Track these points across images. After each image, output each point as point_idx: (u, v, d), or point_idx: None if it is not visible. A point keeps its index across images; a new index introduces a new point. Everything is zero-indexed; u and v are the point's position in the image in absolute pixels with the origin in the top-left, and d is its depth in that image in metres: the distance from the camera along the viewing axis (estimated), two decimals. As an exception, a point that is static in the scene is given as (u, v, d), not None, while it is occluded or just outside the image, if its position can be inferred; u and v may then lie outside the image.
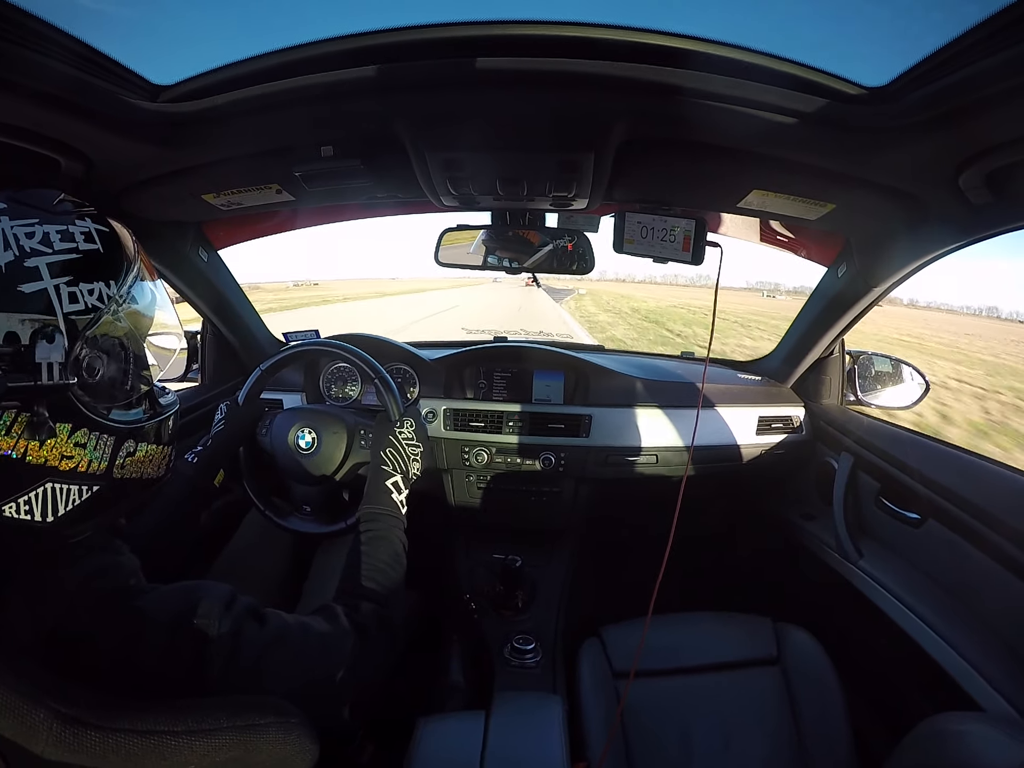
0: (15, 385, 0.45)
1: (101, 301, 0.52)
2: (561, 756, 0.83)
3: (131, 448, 0.56)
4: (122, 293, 0.54)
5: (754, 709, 1.14)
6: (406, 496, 0.98)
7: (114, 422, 0.54)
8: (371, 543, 0.87)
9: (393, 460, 0.99)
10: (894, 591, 1.15)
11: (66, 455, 0.50)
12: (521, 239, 1.31)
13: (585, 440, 1.51)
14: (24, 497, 0.48)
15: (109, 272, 0.54)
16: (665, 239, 1.12)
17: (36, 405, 0.47)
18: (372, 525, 0.90)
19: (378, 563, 0.84)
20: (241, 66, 0.76)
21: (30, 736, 0.41)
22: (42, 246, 0.48)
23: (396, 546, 0.89)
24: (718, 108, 0.75)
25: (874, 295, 1.26)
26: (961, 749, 0.64)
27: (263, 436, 1.18)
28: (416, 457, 1.03)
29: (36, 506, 0.49)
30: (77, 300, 0.49)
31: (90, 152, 0.86)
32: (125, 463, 0.56)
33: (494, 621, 1.47)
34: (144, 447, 0.58)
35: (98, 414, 0.53)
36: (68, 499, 0.51)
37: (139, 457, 0.57)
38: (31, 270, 0.47)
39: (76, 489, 0.51)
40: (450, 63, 0.72)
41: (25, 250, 0.47)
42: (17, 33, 0.59)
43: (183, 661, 0.53)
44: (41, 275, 0.47)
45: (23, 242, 0.47)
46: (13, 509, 0.48)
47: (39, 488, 0.49)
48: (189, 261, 1.36)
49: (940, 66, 0.63)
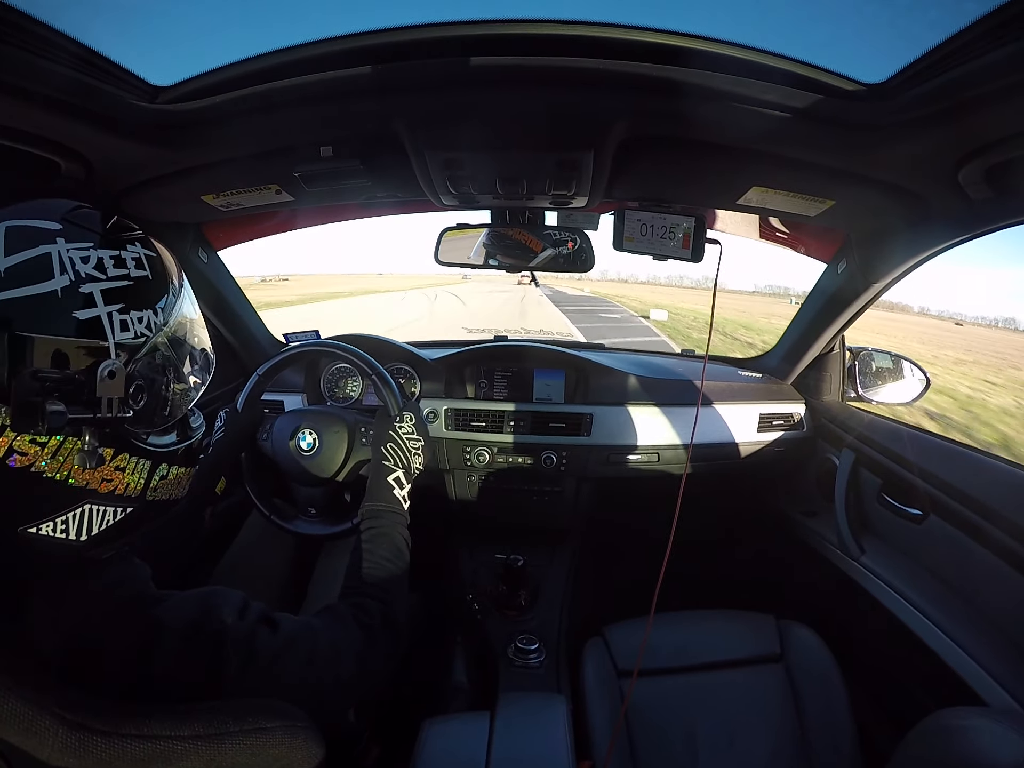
0: (75, 417, 0.45)
1: (149, 329, 0.52)
2: (566, 756, 0.83)
3: (164, 472, 0.57)
4: (167, 319, 0.55)
5: (758, 706, 1.14)
6: (408, 491, 0.97)
7: (152, 447, 0.55)
8: (374, 540, 0.86)
9: (394, 455, 0.98)
10: (897, 587, 1.15)
11: (106, 478, 0.50)
12: (522, 246, 1.31)
13: (586, 439, 1.51)
14: (62, 517, 0.48)
15: (156, 298, 0.54)
16: (665, 236, 1.12)
17: (88, 434, 0.47)
18: (374, 522, 0.89)
19: (381, 560, 0.84)
20: (240, 66, 0.75)
21: (36, 742, 0.41)
22: (97, 272, 0.48)
23: (399, 542, 0.88)
24: (717, 106, 0.75)
25: (874, 291, 1.26)
26: (965, 744, 0.64)
27: (264, 441, 1.18)
28: (417, 451, 1.03)
29: (72, 526, 0.49)
30: (128, 328, 0.50)
31: (90, 154, 0.86)
32: (158, 486, 0.57)
33: (497, 621, 1.47)
34: (175, 470, 0.59)
35: (138, 439, 0.54)
36: (103, 520, 0.51)
37: (171, 479, 0.58)
38: (87, 296, 0.47)
39: (112, 511, 0.52)
40: (449, 62, 0.71)
41: (80, 276, 0.47)
42: (16, 36, 0.59)
43: (198, 669, 0.53)
44: (96, 302, 0.47)
45: (79, 267, 0.47)
46: (50, 528, 0.48)
47: (77, 509, 0.49)
48: (189, 262, 1.36)
49: (939, 62, 0.63)
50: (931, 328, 56.10)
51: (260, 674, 0.56)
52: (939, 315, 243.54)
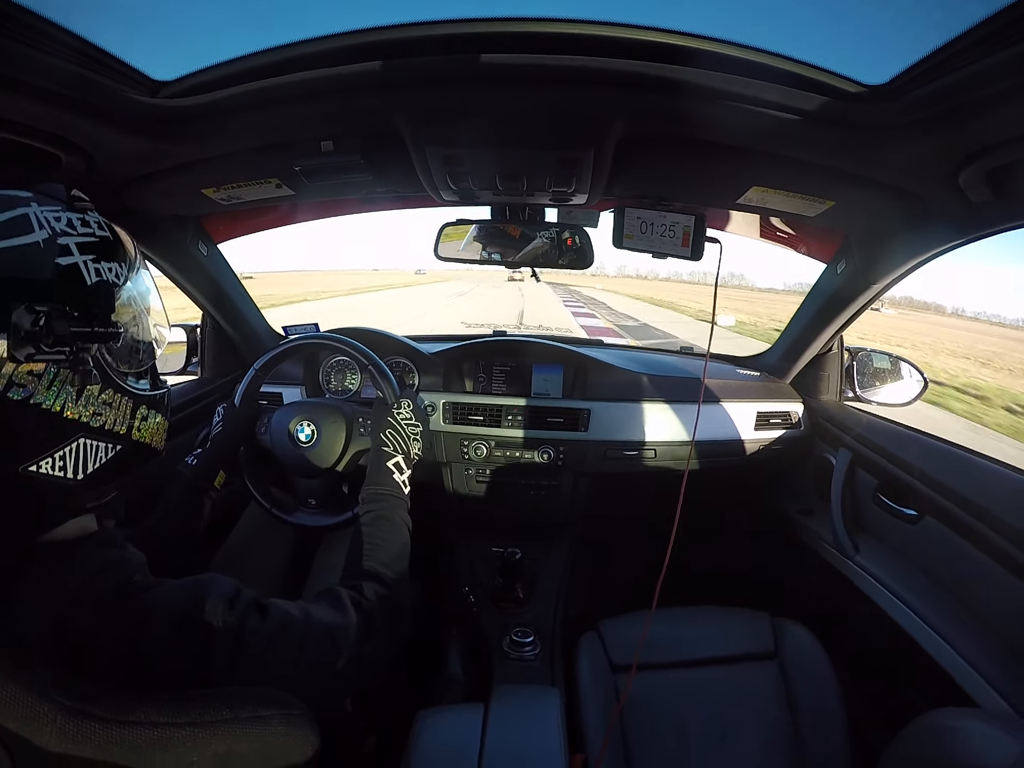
0: (77, 331, 0.52)
1: (118, 278, 0.59)
2: (559, 748, 0.84)
3: (144, 414, 0.62)
4: (132, 275, 0.61)
5: (751, 703, 1.15)
6: (408, 476, 0.98)
7: (131, 387, 0.61)
8: (374, 523, 0.86)
9: (393, 441, 0.99)
10: (891, 587, 1.16)
11: (97, 412, 0.56)
12: (505, 234, 1.31)
13: (584, 434, 1.52)
14: (59, 452, 0.53)
15: (120, 256, 0.60)
16: (665, 235, 1.12)
17: (81, 359, 0.53)
18: (374, 505, 0.89)
19: (382, 543, 0.84)
20: (241, 62, 0.75)
21: (35, 729, 0.41)
22: (69, 228, 0.54)
23: (399, 526, 0.88)
24: (718, 105, 0.75)
25: (873, 292, 1.26)
26: (957, 745, 0.65)
27: (262, 434, 1.19)
28: (416, 437, 1.03)
29: (69, 462, 0.54)
30: (101, 275, 0.56)
31: (90, 147, 0.86)
32: (141, 427, 0.62)
33: (493, 614, 1.48)
34: (153, 415, 0.64)
35: (119, 377, 0.59)
36: (96, 456, 0.56)
37: (151, 423, 0.64)
38: (64, 247, 0.53)
39: (103, 447, 0.57)
40: (451, 59, 0.71)
41: (56, 231, 0.53)
42: (17, 29, 0.59)
43: (187, 657, 0.54)
44: (72, 252, 0.54)
45: (53, 224, 0.53)
46: (49, 465, 0.52)
47: (73, 443, 0.54)
48: (189, 255, 1.36)
49: (941, 64, 0.63)
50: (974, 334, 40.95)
51: (250, 663, 0.57)
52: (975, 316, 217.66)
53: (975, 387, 11.86)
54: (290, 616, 0.63)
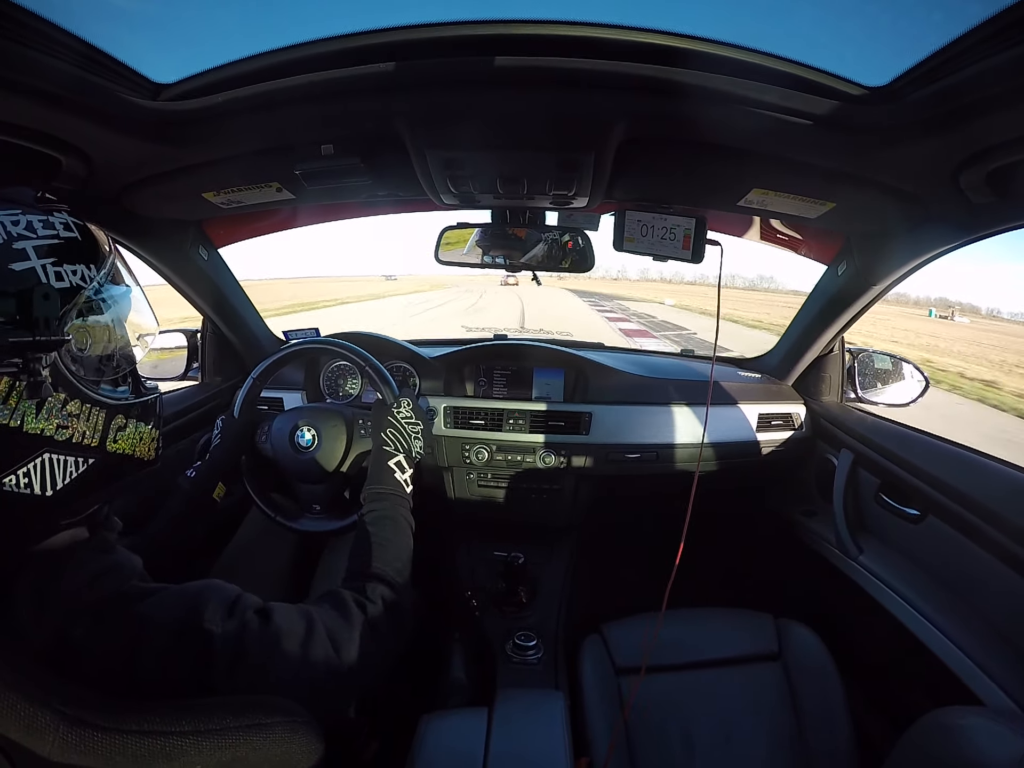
0: (16, 340, 0.48)
1: (84, 281, 0.55)
2: (564, 752, 0.83)
3: (121, 423, 0.59)
4: (102, 277, 0.58)
5: (756, 705, 1.14)
6: (410, 476, 0.96)
7: (103, 396, 0.57)
8: (376, 523, 0.85)
9: (394, 440, 0.98)
10: (894, 587, 1.16)
11: (61, 425, 0.52)
12: (510, 236, 1.31)
13: (585, 437, 1.51)
14: (23, 468, 0.50)
15: (89, 257, 0.57)
16: (665, 237, 1.13)
17: (32, 369, 0.49)
18: (376, 505, 0.88)
19: (384, 543, 0.83)
20: (242, 64, 0.75)
21: (37, 738, 0.41)
22: (27, 232, 0.51)
23: (401, 525, 0.87)
24: (718, 107, 0.75)
25: (874, 293, 1.27)
26: (962, 744, 0.65)
27: (263, 442, 1.17)
28: (417, 435, 1.02)
29: (35, 478, 0.51)
30: (63, 279, 0.53)
31: (91, 150, 0.86)
32: (117, 438, 0.59)
33: (496, 618, 1.47)
34: (133, 424, 0.61)
35: (88, 387, 0.56)
36: (65, 471, 0.53)
37: (129, 433, 0.60)
38: (19, 251, 0.50)
39: (72, 461, 0.54)
40: (450, 62, 0.72)
41: (12, 235, 0.50)
42: (18, 31, 0.59)
43: (187, 665, 0.53)
44: (29, 256, 0.51)
45: (9, 228, 0.50)
46: (13, 482, 0.49)
47: (37, 459, 0.51)
48: (189, 259, 1.36)
49: (941, 66, 0.63)
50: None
51: (252, 670, 0.56)
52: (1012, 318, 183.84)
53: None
54: (293, 620, 0.62)
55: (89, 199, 1.01)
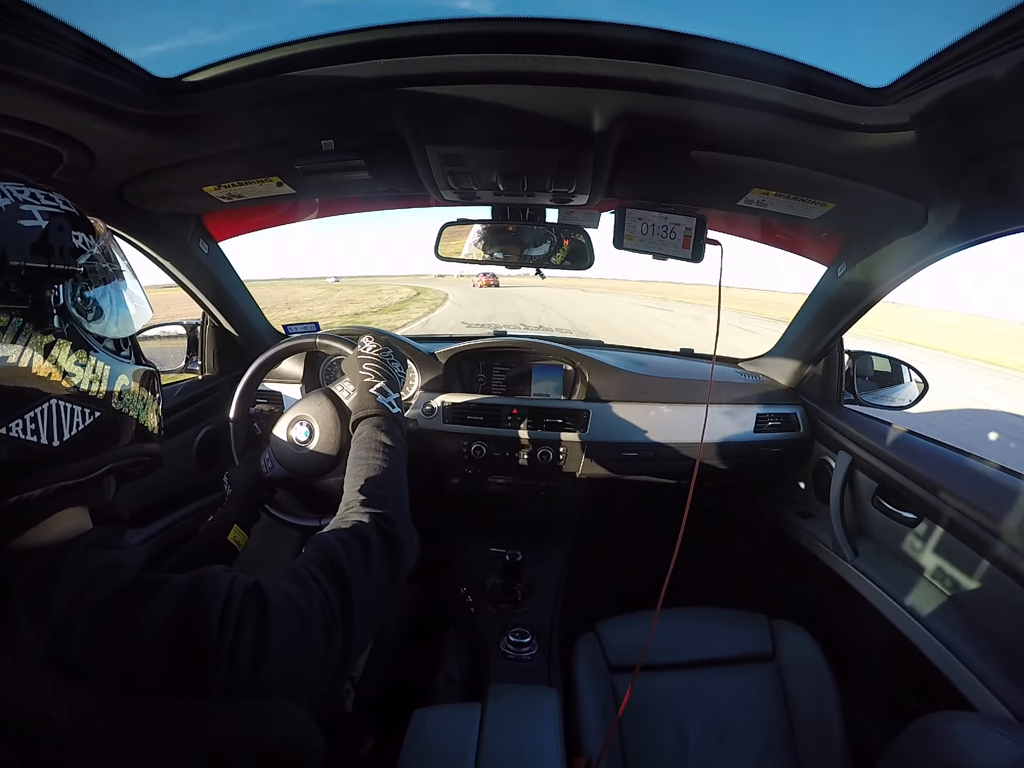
0: (33, 265, 0.50)
1: (86, 245, 0.57)
2: (556, 748, 0.84)
3: (126, 383, 0.59)
4: (100, 248, 0.59)
5: (749, 705, 1.15)
6: (396, 398, 0.94)
7: (108, 352, 0.58)
8: (362, 445, 0.83)
9: (371, 371, 0.96)
10: (889, 590, 1.16)
11: (68, 371, 0.53)
12: (506, 234, 1.30)
13: (583, 435, 1.52)
14: (30, 414, 0.49)
15: (88, 228, 0.58)
16: (665, 236, 1.12)
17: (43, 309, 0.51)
18: (362, 427, 0.86)
19: (372, 463, 0.79)
20: (243, 60, 0.75)
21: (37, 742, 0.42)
22: (32, 199, 0.53)
23: (390, 446, 0.84)
24: (718, 107, 0.75)
25: (874, 294, 1.26)
26: (955, 748, 0.65)
27: (270, 469, 1.13)
28: (392, 358, 0.99)
29: (42, 425, 0.50)
30: (67, 241, 0.55)
31: (92, 144, 0.86)
32: (123, 396, 0.59)
33: (491, 614, 1.48)
34: (137, 387, 0.61)
35: (93, 342, 0.56)
36: (72, 421, 0.53)
37: (135, 392, 0.61)
38: (26, 211, 0.52)
39: (79, 411, 0.54)
40: (450, 59, 0.71)
41: (19, 199, 0.52)
42: (19, 26, 0.59)
43: (185, 666, 0.53)
44: (35, 216, 0.52)
45: (16, 194, 0.52)
46: (20, 428, 0.49)
47: (44, 405, 0.50)
48: (190, 253, 1.37)
49: (943, 68, 0.62)
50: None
51: (247, 665, 0.55)
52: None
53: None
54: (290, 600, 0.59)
55: (90, 192, 1.01)
